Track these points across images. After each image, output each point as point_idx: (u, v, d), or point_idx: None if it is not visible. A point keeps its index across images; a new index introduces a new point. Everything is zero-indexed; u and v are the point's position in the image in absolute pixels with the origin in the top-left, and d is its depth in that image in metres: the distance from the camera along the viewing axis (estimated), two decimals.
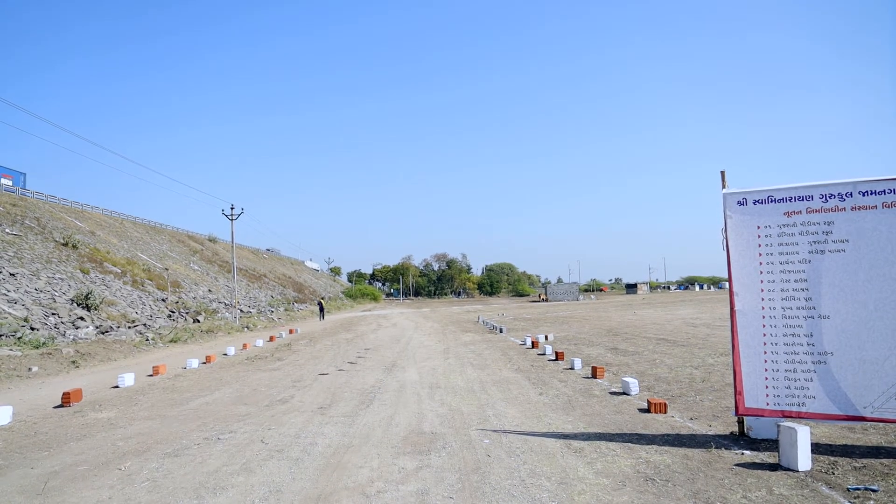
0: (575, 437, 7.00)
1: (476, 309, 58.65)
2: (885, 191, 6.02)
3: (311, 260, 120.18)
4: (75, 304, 22.35)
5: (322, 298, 52.56)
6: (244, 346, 20.81)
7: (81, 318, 21.00)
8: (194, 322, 28.54)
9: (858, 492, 4.86)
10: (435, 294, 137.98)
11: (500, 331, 24.76)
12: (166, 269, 37.49)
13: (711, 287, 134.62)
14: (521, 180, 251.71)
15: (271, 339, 24.22)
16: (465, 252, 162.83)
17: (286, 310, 47.55)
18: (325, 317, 44.25)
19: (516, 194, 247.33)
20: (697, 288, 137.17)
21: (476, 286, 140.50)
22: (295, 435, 7.45)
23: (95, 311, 22.69)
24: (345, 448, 6.76)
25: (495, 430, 7.39)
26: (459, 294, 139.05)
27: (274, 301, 50.56)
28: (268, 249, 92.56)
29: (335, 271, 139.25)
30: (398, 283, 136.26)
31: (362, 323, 36.47)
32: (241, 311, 37.42)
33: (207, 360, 16.45)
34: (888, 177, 6.03)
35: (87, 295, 22.99)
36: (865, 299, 6.01)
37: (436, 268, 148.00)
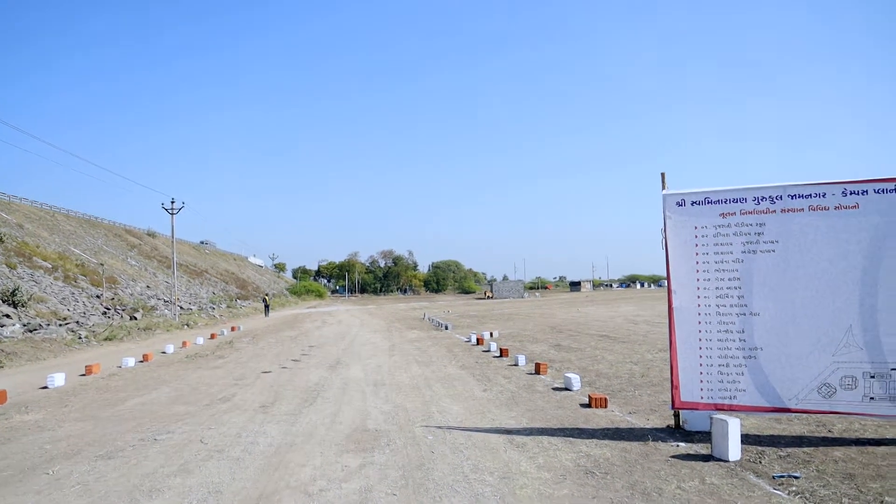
0: (518, 432, 7.11)
1: (422, 306, 58.73)
2: (811, 195, 6.34)
3: (254, 256, 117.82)
4: (0, 301, 21.27)
5: (267, 295, 51.57)
6: (184, 343, 20.25)
7: (7, 316, 19.97)
8: (131, 319, 27.59)
9: (782, 479, 5.12)
10: (381, 291, 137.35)
11: (446, 328, 24.86)
12: (101, 265, 36.10)
13: (652, 285, 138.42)
14: (468, 178, 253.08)
15: (213, 336, 23.63)
16: (412, 249, 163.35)
17: (228, 307, 46.52)
18: (270, 314, 43.52)
19: (463, 192, 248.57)
20: (639, 286, 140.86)
21: (422, 283, 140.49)
22: (236, 434, 7.31)
23: (23, 309, 21.64)
24: (287, 447, 6.68)
25: (439, 427, 7.43)
26: (406, 291, 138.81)
27: (216, 298, 49.40)
28: (202, 242, 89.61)
29: (280, 267, 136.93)
30: (344, 279, 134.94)
31: (307, 320, 36.02)
32: (182, 307, 36.40)
33: (145, 358, 15.93)
34: (815, 182, 6.35)
35: (14, 291, 21.89)
36: (792, 297, 6.33)
37: (382, 265, 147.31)
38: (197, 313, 36.46)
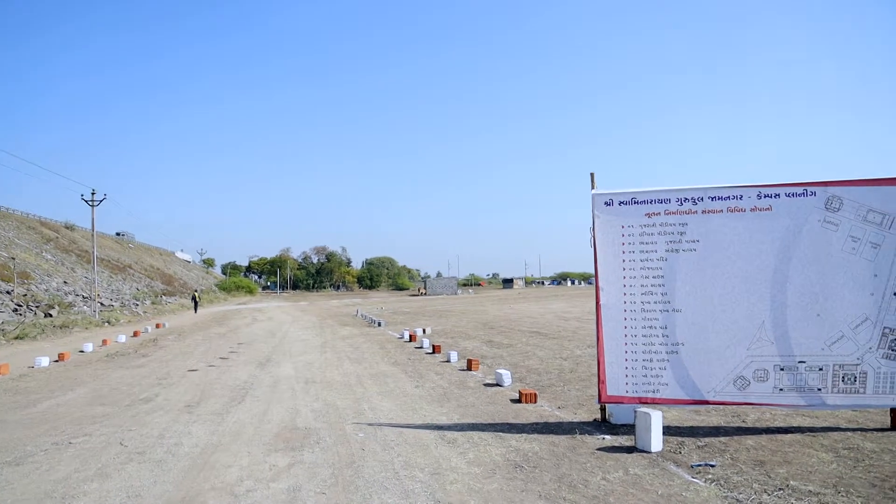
0: (449, 427, 7.17)
1: (355, 302, 58.25)
2: (730, 197, 6.68)
3: (181, 251, 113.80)
4: None
5: (196, 291, 49.94)
6: (104, 342, 19.37)
7: None
8: (46, 316, 26.16)
9: (700, 467, 5.38)
10: (314, 287, 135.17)
11: (379, 324, 24.78)
12: (12, 259, 34.05)
13: (582, 283, 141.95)
14: (403, 175, 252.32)
15: (135, 334, 22.69)
16: (346, 245, 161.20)
17: (153, 303, 44.79)
18: (199, 310, 42.20)
19: (398, 189, 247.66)
20: (570, 283, 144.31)
21: (356, 280, 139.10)
22: (158, 436, 7.06)
23: None
24: (213, 447, 6.50)
25: (371, 424, 7.41)
26: (339, 287, 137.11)
27: (140, 294, 47.46)
28: (118, 234, 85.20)
29: (208, 263, 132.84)
30: (276, 275, 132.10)
31: (236, 317, 35.12)
32: (102, 304, 34.77)
33: (60, 357, 15.12)
34: (733, 185, 6.70)
35: None
36: (711, 294, 6.65)
37: (315, 261, 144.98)
38: (119, 310, 34.90)
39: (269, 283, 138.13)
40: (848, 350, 6.39)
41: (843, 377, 6.40)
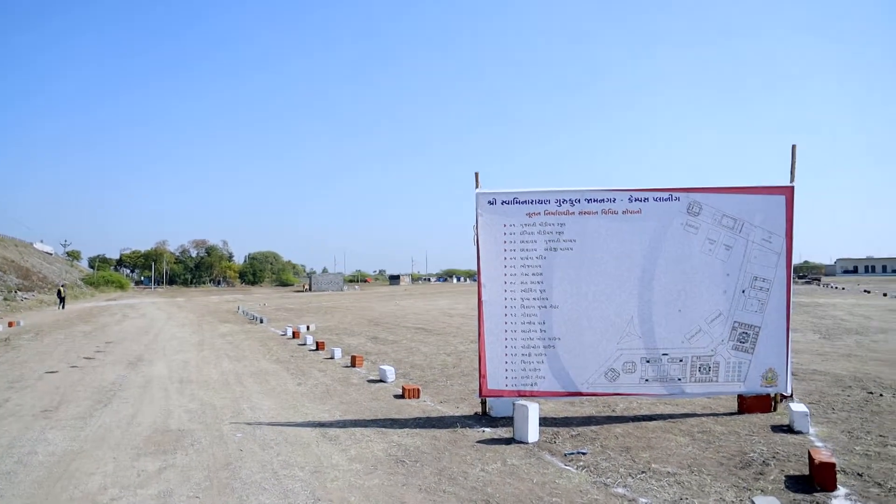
0: (331, 425, 7.09)
1: (237, 298, 56.11)
2: (604, 199, 7.08)
3: (41, 242, 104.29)
4: None
5: (62, 286, 45.94)
6: None
7: None
8: None
9: (572, 455, 5.68)
10: (192, 282, 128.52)
11: (261, 321, 24.02)
12: None
13: (468, 279, 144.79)
14: (288, 168, 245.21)
15: None
16: (227, 238, 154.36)
17: (6, 299, 40.78)
18: (66, 306, 38.95)
19: (282, 182, 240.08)
20: (455, 280, 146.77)
21: (238, 275, 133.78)
22: (7, 445, 6.42)
23: None
24: (73, 454, 6.03)
25: (249, 423, 7.18)
26: (219, 283, 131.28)
27: None
28: None
29: (73, 255, 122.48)
30: (150, 270, 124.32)
31: (105, 313, 32.70)
32: None
33: None
34: (607, 188, 7.10)
35: None
36: (586, 291, 7.02)
37: (194, 254, 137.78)
38: None
39: (142, 278, 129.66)
40: (704, 343, 6.98)
41: (699, 367, 6.98)
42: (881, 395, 8.13)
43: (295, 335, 17.54)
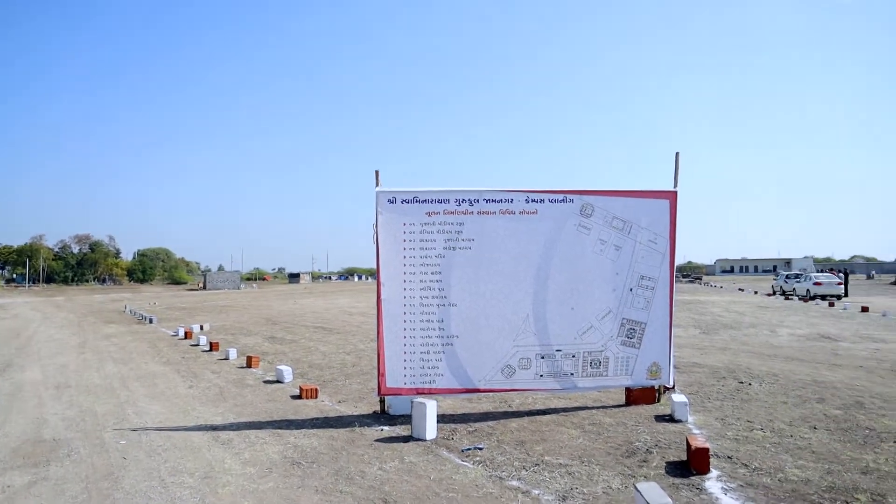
0: (224, 428, 6.83)
1: (124, 297, 52.97)
2: (502, 199, 7.24)
3: None
4: None
5: None
6: None
7: None
8: None
9: (469, 451, 5.76)
10: (74, 281, 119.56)
11: (151, 321, 22.79)
12: None
13: (369, 278, 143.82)
14: (180, 162, 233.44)
15: None
16: (114, 234, 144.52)
17: None
18: None
19: (175, 177, 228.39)
20: (357, 279, 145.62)
21: (126, 273, 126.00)
22: None
23: None
24: None
25: (135, 430, 6.79)
26: (105, 281, 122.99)
27: None
28: None
29: None
30: (25, 267, 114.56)
31: None
32: None
33: None
34: (506, 189, 7.27)
35: None
36: (483, 290, 7.15)
37: (76, 251, 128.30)
38: None
39: (14, 276, 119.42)
40: (595, 339, 7.29)
41: (590, 363, 7.29)
42: (750, 384, 8.82)
43: (187, 335, 16.76)
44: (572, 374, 7.27)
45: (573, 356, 7.27)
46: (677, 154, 7.69)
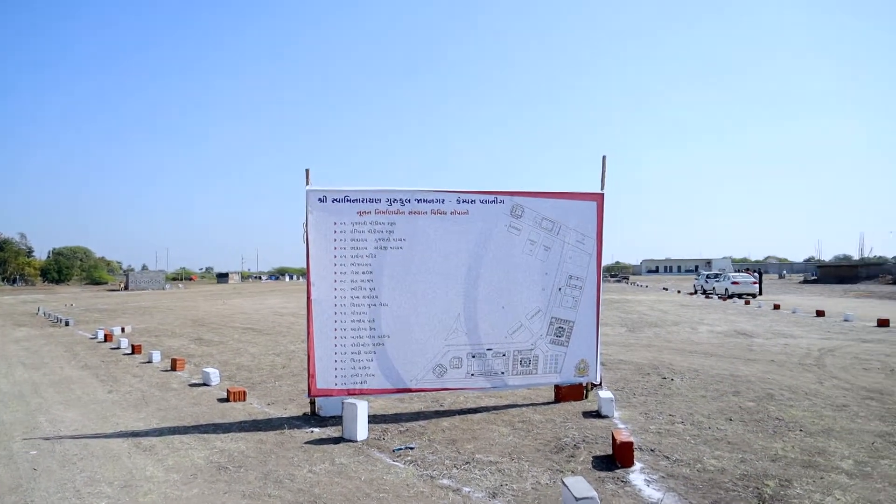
0: (146, 434, 6.58)
1: (37, 299, 49.99)
2: (433, 200, 7.26)
3: None
4: None
5: None
6: None
7: None
8: None
9: (400, 451, 5.76)
10: None
11: (67, 323, 21.64)
12: None
13: (300, 278, 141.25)
14: (102, 156, 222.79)
15: None
16: (26, 231, 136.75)
17: None
18: None
19: (94, 169, 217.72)
20: (288, 278, 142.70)
21: (39, 272, 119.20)
22: None
23: None
24: None
25: (48, 438, 6.44)
26: (15, 281, 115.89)
27: None
28: None
29: None
30: None
31: None
32: None
33: None
34: (437, 189, 7.30)
35: None
36: (416, 290, 7.16)
37: None
38: None
39: None
40: (525, 337, 7.42)
41: (520, 361, 7.41)
42: (672, 379, 9.19)
43: (107, 338, 16.02)
44: (503, 372, 7.38)
45: (503, 355, 7.37)
46: (604, 157, 7.92)
